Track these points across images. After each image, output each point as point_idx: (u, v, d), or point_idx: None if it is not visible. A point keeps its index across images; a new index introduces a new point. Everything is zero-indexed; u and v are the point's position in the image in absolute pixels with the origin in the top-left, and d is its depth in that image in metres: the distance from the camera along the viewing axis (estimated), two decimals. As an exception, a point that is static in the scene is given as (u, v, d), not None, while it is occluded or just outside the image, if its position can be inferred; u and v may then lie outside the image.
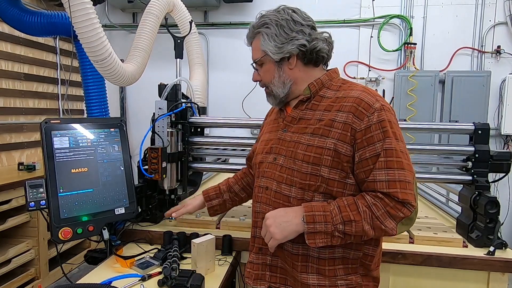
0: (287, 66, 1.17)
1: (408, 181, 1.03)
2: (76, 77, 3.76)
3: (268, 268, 1.18)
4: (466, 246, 1.50)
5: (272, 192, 1.15)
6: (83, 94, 2.80)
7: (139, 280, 1.27)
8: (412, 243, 1.52)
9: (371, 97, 1.08)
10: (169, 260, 1.34)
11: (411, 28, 3.63)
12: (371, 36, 3.71)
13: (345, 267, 1.11)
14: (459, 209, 1.75)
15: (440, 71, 3.61)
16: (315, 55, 1.16)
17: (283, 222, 1.06)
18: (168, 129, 1.65)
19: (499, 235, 1.49)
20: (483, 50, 3.57)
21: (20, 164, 2.99)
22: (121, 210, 1.51)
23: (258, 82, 1.27)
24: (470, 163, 1.59)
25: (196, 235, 1.47)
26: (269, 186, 1.17)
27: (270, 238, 1.08)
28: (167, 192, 1.71)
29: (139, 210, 1.64)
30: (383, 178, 1.02)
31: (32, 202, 1.33)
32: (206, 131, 2.04)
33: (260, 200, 1.19)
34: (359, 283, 1.12)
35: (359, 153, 1.05)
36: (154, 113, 1.66)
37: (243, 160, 1.59)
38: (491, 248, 1.43)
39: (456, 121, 1.75)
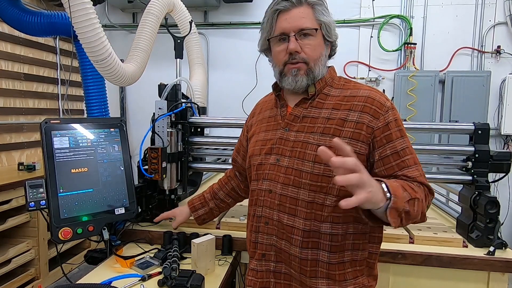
0: (327, 52, 1.14)
1: (425, 174, 1.07)
2: (76, 77, 3.76)
3: (272, 274, 1.13)
4: (466, 246, 1.50)
5: (277, 195, 1.10)
6: (83, 94, 2.80)
7: (139, 280, 1.27)
8: (412, 243, 1.52)
9: (381, 95, 1.08)
10: (169, 260, 1.34)
11: (411, 28, 3.63)
12: (371, 36, 3.71)
13: (353, 270, 1.08)
14: (459, 209, 1.75)
15: (440, 71, 3.61)
16: (334, 51, 1.17)
17: (374, 192, 0.85)
18: (168, 129, 1.65)
19: (499, 235, 1.49)
20: (483, 50, 3.57)
21: (20, 164, 2.99)
22: (121, 210, 1.51)
23: (288, 56, 1.10)
24: (470, 163, 1.59)
25: (196, 235, 1.47)
26: (273, 189, 1.11)
27: (357, 190, 0.82)
28: (167, 192, 1.71)
29: (139, 210, 1.64)
30: (417, 174, 1.03)
31: (32, 202, 1.33)
32: (206, 131, 2.04)
33: (263, 204, 1.13)
34: (364, 285, 1.10)
35: (379, 151, 1.04)
36: (154, 113, 1.66)
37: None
38: (491, 248, 1.43)
39: (456, 121, 1.75)
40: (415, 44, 3.64)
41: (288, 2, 1.08)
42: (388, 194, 0.88)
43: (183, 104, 1.72)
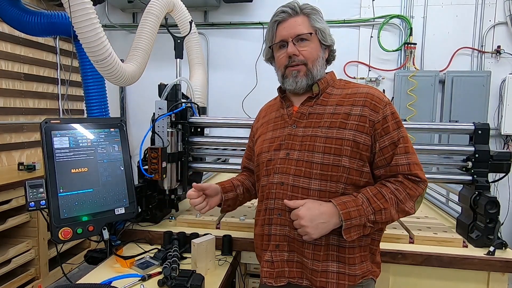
0: (324, 55, 1.25)
1: (419, 162, 1.17)
2: (76, 77, 3.76)
3: (286, 264, 1.18)
4: (466, 246, 1.50)
5: (289, 186, 1.16)
6: (83, 94, 2.80)
7: (139, 280, 1.27)
8: (412, 243, 1.52)
9: (379, 92, 1.20)
10: (169, 260, 1.34)
11: (411, 28, 3.63)
12: (371, 36, 3.71)
13: (360, 255, 1.16)
14: (459, 209, 1.75)
15: (440, 71, 3.61)
16: (333, 56, 1.28)
17: (321, 223, 1.08)
18: (168, 129, 1.65)
19: (499, 235, 1.49)
20: (483, 50, 3.57)
21: (20, 164, 2.99)
22: (121, 210, 1.51)
23: (288, 60, 1.21)
24: (470, 163, 1.59)
25: (196, 235, 1.47)
26: (285, 181, 1.17)
27: (305, 234, 1.09)
28: (167, 192, 1.71)
29: (139, 210, 1.64)
30: (404, 162, 1.14)
31: (32, 202, 1.33)
32: (206, 131, 2.04)
33: (275, 196, 1.19)
34: (369, 270, 1.17)
35: (379, 142, 1.14)
36: (154, 113, 1.66)
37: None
38: (491, 248, 1.43)
39: (456, 121, 1.75)
40: (415, 44, 3.64)
41: (286, 14, 1.21)
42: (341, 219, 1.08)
43: (183, 104, 1.72)
